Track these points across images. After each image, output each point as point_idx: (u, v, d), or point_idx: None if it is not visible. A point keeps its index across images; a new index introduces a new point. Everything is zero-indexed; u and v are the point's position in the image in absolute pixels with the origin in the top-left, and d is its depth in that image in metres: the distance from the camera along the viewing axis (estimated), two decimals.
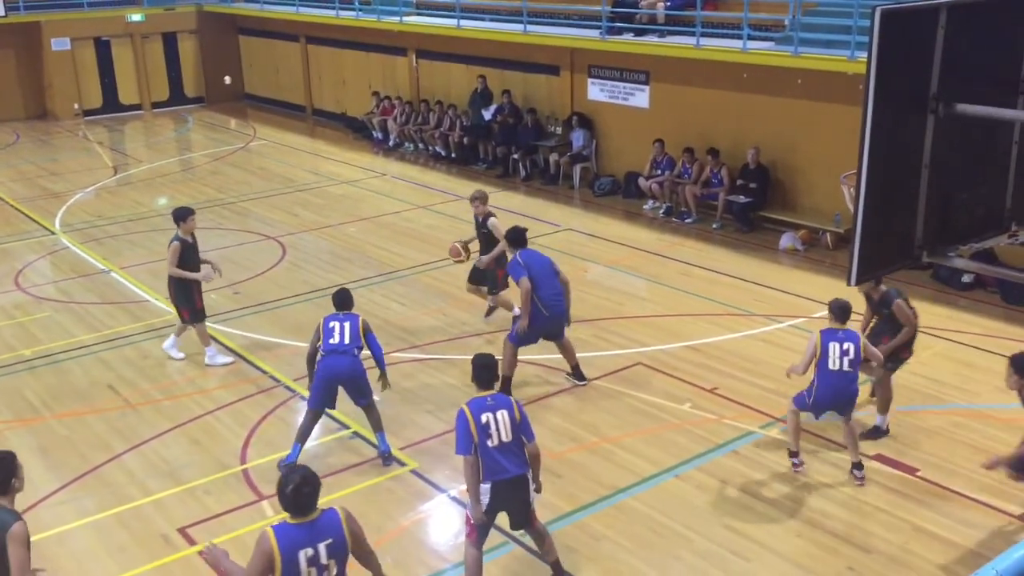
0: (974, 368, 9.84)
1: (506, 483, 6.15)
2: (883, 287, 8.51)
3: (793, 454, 8.04)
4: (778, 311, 11.46)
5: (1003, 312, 11.33)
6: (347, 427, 8.97)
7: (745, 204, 14.58)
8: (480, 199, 10.79)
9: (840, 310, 7.82)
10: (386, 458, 8.28)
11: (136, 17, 26.52)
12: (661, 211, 15.79)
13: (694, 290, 12.33)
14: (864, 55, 11.73)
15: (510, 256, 9.54)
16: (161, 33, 27.09)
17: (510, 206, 16.53)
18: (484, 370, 6.33)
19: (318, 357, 8.16)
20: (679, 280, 12.73)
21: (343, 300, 8.55)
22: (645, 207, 16.12)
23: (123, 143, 24.20)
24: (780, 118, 14.45)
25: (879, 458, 8.16)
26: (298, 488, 4.67)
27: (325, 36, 24.17)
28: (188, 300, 10.20)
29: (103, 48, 26.44)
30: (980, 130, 4.69)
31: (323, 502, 4.85)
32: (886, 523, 7.32)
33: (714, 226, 14.95)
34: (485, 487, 6.16)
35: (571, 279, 9.74)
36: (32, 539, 5.79)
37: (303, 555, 4.67)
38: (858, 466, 7.81)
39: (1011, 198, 4.93)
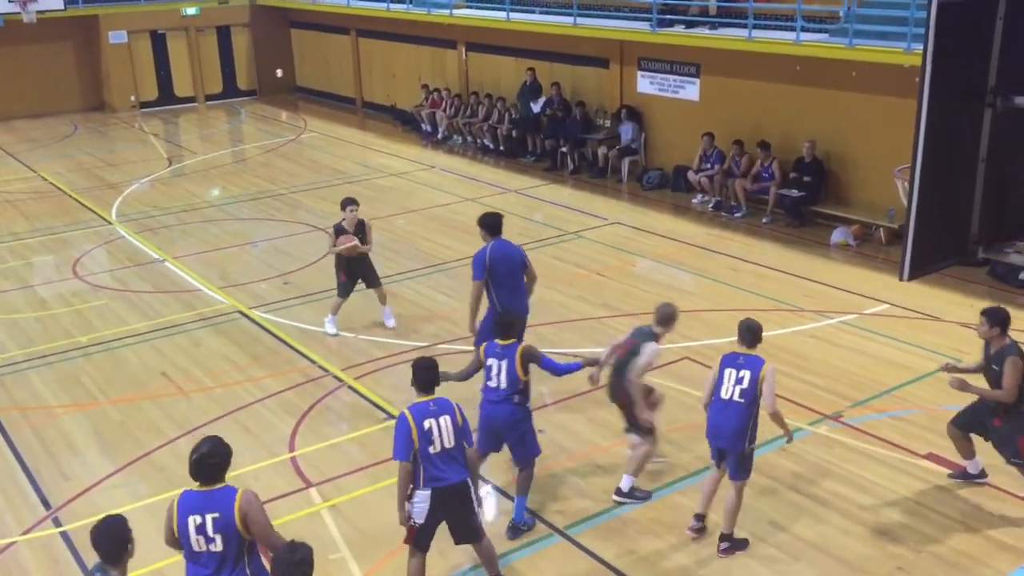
0: None
1: (445, 490, 5.95)
2: (1008, 338, 6.95)
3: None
4: (828, 307, 11.30)
5: None
6: (394, 417, 9.02)
7: (797, 198, 14.39)
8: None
9: (748, 331, 6.77)
10: (514, 530, 7.24)
11: (191, 11, 26.94)
12: (710, 205, 15.65)
13: (742, 285, 12.21)
14: (920, 47, 11.52)
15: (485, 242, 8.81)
16: (215, 26, 27.50)
17: (558, 199, 16.52)
18: (426, 373, 6.07)
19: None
20: (727, 275, 12.61)
21: (507, 327, 7.22)
22: (694, 201, 16.00)
23: (178, 135, 24.62)
24: (833, 111, 14.23)
25: (931, 457, 8.02)
26: (202, 457, 4.96)
27: (376, 29, 24.33)
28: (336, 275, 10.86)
29: (159, 41, 26.92)
30: None
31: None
32: (937, 523, 7.19)
33: (764, 220, 14.79)
34: (424, 494, 5.96)
35: (619, 273, 9.70)
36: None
37: (191, 521, 4.94)
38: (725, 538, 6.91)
39: None
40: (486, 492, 7.80)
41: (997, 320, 7.02)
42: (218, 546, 4.93)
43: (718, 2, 15.45)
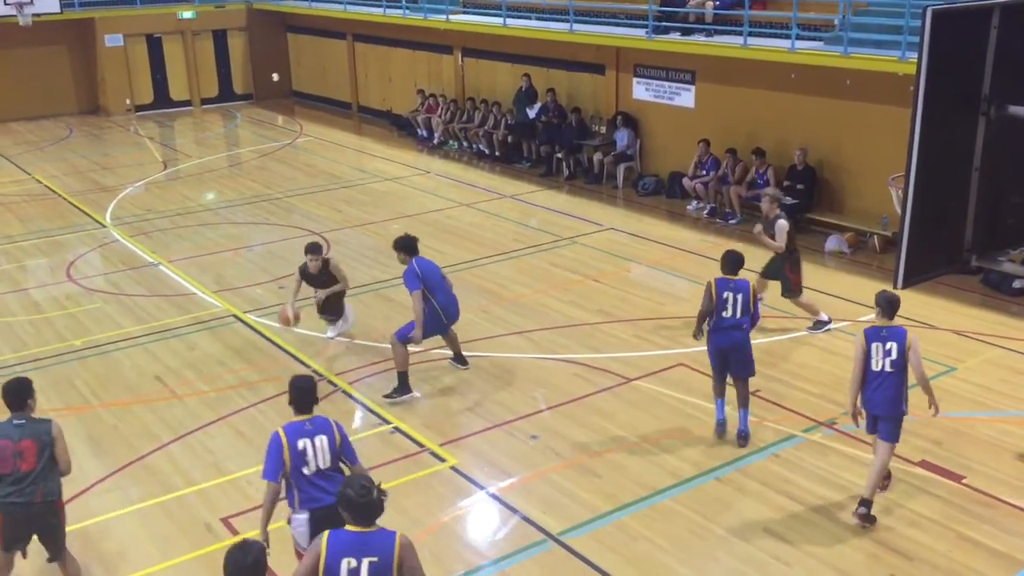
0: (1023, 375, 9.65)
1: (326, 510, 5.60)
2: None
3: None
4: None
5: None
6: (388, 422, 9.04)
7: (791, 206, 14.40)
8: None
9: (889, 305, 7.30)
10: (742, 438, 8.43)
11: (187, 14, 26.95)
12: (705, 212, 15.68)
13: None
14: (914, 56, 11.58)
15: (405, 264, 9.41)
16: (211, 30, 27.51)
17: (553, 205, 16.54)
18: (302, 393, 5.93)
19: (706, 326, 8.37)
20: None
21: (734, 262, 8.44)
22: (689, 207, 16.03)
23: (173, 138, 24.60)
24: (828, 119, 14.27)
25: (924, 464, 8.04)
26: (371, 496, 4.59)
27: (372, 34, 24.36)
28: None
29: (155, 45, 26.90)
30: None
31: None
32: (930, 530, 7.21)
33: (758, 227, 14.78)
34: (301, 518, 5.80)
35: (615, 279, 9.73)
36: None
37: (345, 564, 4.59)
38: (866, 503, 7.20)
39: None
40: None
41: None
42: None
43: (714, 10, 15.50)
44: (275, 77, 28.23)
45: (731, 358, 8.36)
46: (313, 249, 10.64)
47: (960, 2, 4.33)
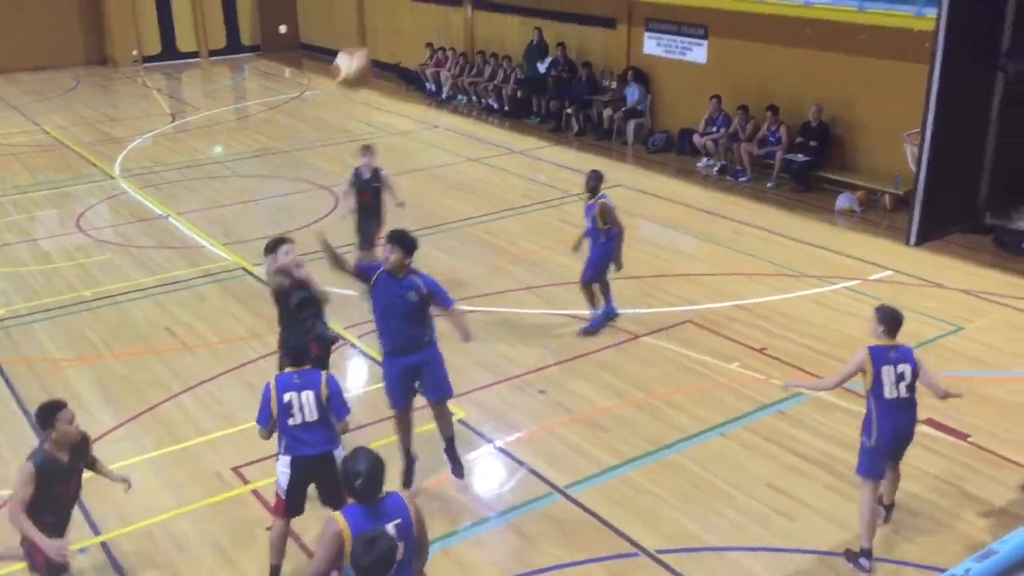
0: None
1: (308, 459, 6.00)
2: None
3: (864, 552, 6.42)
4: (831, 273, 11.31)
5: None
6: None
7: (803, 163, 14.34)
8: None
9: (895, 322, 6.38)
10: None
11: None
12: (715, 169, 15.59)
13: (746, 249, 12.20)
14: (932, 11, 11.42)
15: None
16: None
17: (562, 161, 16.45)
18: (296, 352, 6.24)
19: None
20: (731, 239, 12.59)
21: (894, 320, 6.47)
22: (699, 164, 15.93)
23: (180, 90, 24.46)
24: (842, 75, 14.11)
25: (930, 422, 8.06)
26: (368, 470, 4.57)
27: None
28: None
29: None
30: None
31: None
32: (935, 487, 7.26)
33: (769, 185, 14.74)
34: (285, 459, 6.04)
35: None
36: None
37: None
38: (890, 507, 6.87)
39: None
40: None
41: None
42: (398, 553, 4.51)
43: None
44: (282, 29, 27.94)
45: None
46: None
47: None
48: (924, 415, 8.11)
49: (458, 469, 7.36)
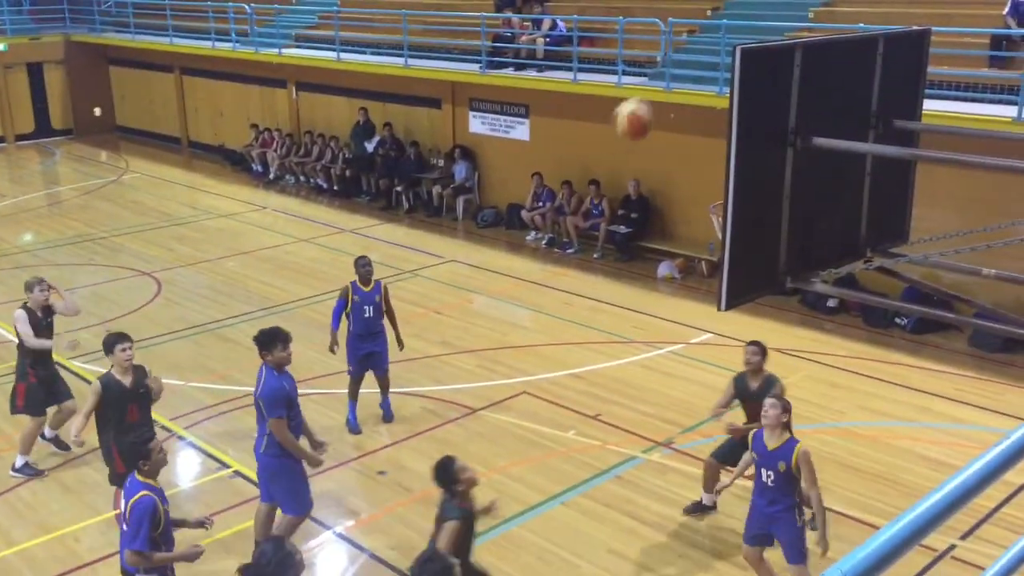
0: (839, 388, 10.33)
1: None
2: (767, 370, 7.54)
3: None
4: (657, 338, 11.77)
5: (865, 334, 11.94)
6: (228, 466, 8.73)
7: (626, 234, 14.97)
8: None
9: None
10: None
11: None
12: (544, 242, 16.04)
13: (576, 319, 12.54)
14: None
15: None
16: (25, 63, 25.99)
17: (393, 239, 16.51)
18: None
19: None
20: (562, 309, 12.93)
21: None
22: (528, 238, 16.35)
23: None
24: (655, 151, 14.88)
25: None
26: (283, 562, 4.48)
27: (201, 67, 23.66)
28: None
29: None
30: (836, 162, 4.98)
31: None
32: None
33: (595, 255, 15.28)
34: None
35: (457, 310, 9.79)
36: None
37: None
38: None
39: (866, 226, 5.25)
40: None
41: (764, 351, 7.50)
42: None
43: (545, 46, 15.97)
44: (97, 112, 26.98)
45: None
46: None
47: (767, 42, 4.66)
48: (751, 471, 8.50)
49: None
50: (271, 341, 6.87)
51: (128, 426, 7.07)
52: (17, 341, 8.78)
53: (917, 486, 8.27)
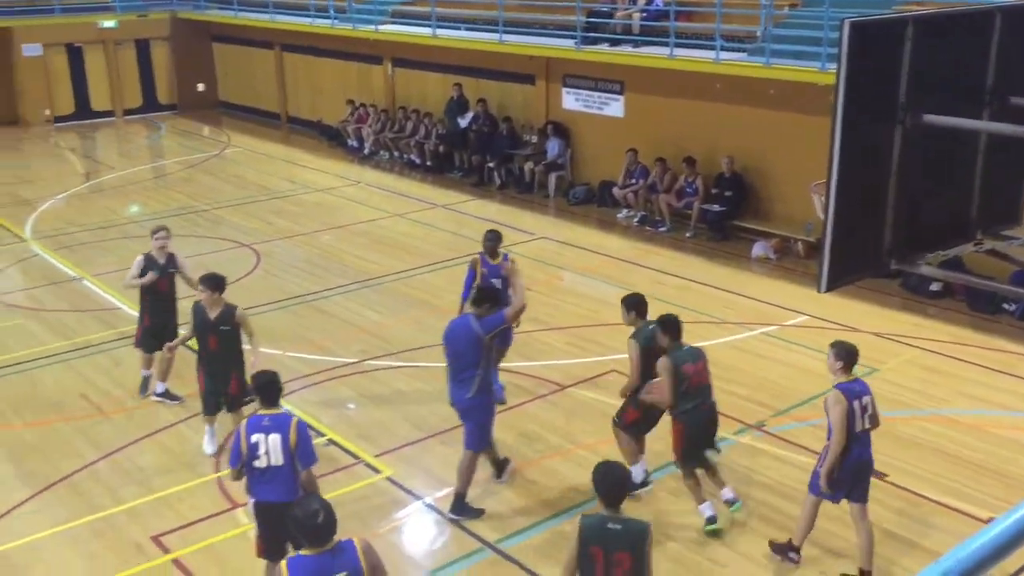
0: (941, 374, 10.00)
1: (269, 505, 5.96)
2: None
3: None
4: (750, 319, 11.57)
5: (969, 320, 11.50)
6: (322, 435, 8.95)
7: (719, 213, 14.72)
8: None
9: (851, 356, 6.60)
10: None
11: (108, 23, 26.33)
12: (635, 220, 15.89)
13: (667, 298, 12.39)
14: (835, 66, 11.94)
15: None
16: (134, 40, 26.93)
17: (485, 214, 16.59)
18: (266, 387, 6.11)
19: None
20: (652, 288, 12.78)
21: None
22: (619, 216, 16.22)
23: (95, 150, 24.01)
24: (753, 128, 14.61)
25: None
26: (318, 517, 4.52)
27: (300, 44, 24.14)
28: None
29: (75, 54, 26.22)
30: (946, 140, 4.80)
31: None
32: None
33: (687, 235, 15.08)
34: (251, 502, 6.18)
35: (547, 287, 9.78)
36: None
37: None
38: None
39: (976, 207, 5.05)
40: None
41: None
42: None
43: (641, 21, 15.75)
44: (201, 87, 27.78)
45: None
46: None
47: (877, 15, 4.51)
48: None
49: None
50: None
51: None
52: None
53: (1021, 477, 7.97)
